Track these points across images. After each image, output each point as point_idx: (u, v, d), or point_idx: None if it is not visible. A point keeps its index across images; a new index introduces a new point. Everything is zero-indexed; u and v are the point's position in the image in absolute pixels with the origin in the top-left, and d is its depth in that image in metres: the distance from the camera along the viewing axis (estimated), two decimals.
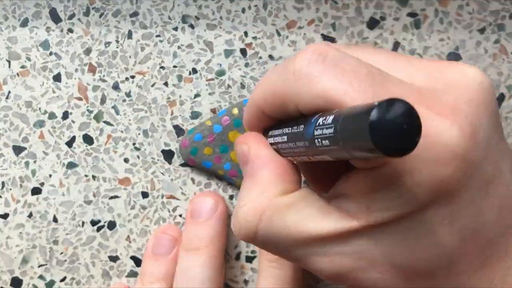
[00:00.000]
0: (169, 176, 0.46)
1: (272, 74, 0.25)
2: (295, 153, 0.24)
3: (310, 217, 0.24)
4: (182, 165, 0.47)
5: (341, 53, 0.23)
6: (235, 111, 0.44)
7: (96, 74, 0.47)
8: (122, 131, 0.47)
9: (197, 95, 0.47)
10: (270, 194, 0.25)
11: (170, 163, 0.47)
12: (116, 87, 0.47)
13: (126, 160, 0.47)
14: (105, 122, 0.47)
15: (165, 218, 0.47)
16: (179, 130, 0.47)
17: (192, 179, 0.47)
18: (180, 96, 0.47)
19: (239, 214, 0.25)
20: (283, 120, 0.26)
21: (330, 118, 0.20)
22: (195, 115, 0.47)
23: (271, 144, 0.26)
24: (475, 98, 0.23)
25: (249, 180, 0.26)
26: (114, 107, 0.47)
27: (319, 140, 0.20)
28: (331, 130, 0.19)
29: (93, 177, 0.47)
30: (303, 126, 0.23)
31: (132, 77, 0.47)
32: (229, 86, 0.46)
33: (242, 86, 0.46)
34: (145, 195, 0.47)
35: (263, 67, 0.46)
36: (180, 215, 0.47)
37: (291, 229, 0.24)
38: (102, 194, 0.47)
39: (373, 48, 0.26)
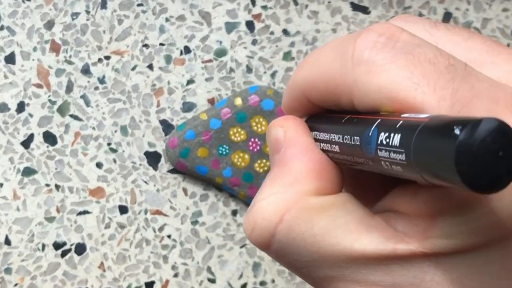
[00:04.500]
0: (154, 185, 0.46)
1: (325, 53, 0.24)
2: (347, 161, 0.23)
3: (347, 228, 0.22)
4: (172, 171, 0.46)
5: (416, 38, 0.22)
6: (238, 101, 0.44)
7: (60, 54, 0.46)
8: (93, 128, 0.46)
9: (190, 81, 0.46)
10: (300, 190, 0.23)
11: (155, 168, 0.46)
12: (86, 71, 0.46)
13: (99, 165, 0.46)
14: (72, 116, 0.46)
15: (150, 240, 0.46)
16: (167, 127, 0.46)
17: (184, 190, 0.46)
18: (168, 83, 0.46)
19: (255, 208, 0.24)
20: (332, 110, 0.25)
21: (396, 139, 0.19)
22: (188, 107, 0.46)
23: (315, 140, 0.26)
24: None
25: (276, 170, 0.24)
26: (83, 96, 0.46)
27: (388, 164, 0.20)
28: (402, 157, 0.19)
29: (57, 186, 0.46)
30: (358, 138, 0.22)
31: (107, 58, 0.46)
32: (231, 69, 0.46)
33: (249, 69, 0.46)
34: (123, 210, 0.46)
35: (275, 45, 0.46)
36: (169, 236, 0.46)
37: (318, 239, 0.22)
38: (68, 209, 0.46)
39: (466, 31, 0.25)
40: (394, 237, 0.22)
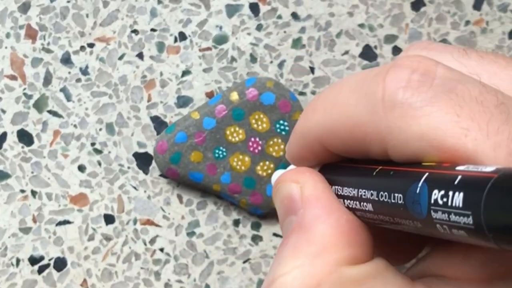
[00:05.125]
0: (145, 191, 0.45)
1: (345, 94, 0.23)
2: (381, 221, 0.22)
3: None
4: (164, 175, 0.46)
5: (454, 72, 0.21)
6: (234, 96, 0.44)
7: (37, 42, 0.46)
8: (75, 126, 0.46)
9: (186, 72, 0.46)
10: (330, 260, 0.22)
11: (146, 172, 0.46)
12: (66, 60, 0.46)
13: (81, 168, 0.46)
14: (50, 112, 0.46)
15: (139, 254, 0.45)
16: (159, 124, 0.46)
17: (179, 196, 0.46)
18: (161, 74, 0.46)
19: (276, 286, 0.22)
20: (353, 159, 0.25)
21: (458, 198, 0.18)
22: (183, 101, 0.45)
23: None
24: None
25: (296, 236, 0.23)
26: (63, 89, 0.46)
27: (446, 228, 0.19)
28: (469, 220, 0.18)
29: (33, 193, 0.45)
30: (401, 196, 0.20)
31: (90, 45, 0.46)
32: (233, 58, 0.45)
33: (253, 58, 0.46)
34: (109, 219, 0.46)
35: (283, 31, 0.45)
36: (162, 250, 0.45)
37: None
38: (46, 219, 0.45)
39: (503, 58, 0.23)
40: None
